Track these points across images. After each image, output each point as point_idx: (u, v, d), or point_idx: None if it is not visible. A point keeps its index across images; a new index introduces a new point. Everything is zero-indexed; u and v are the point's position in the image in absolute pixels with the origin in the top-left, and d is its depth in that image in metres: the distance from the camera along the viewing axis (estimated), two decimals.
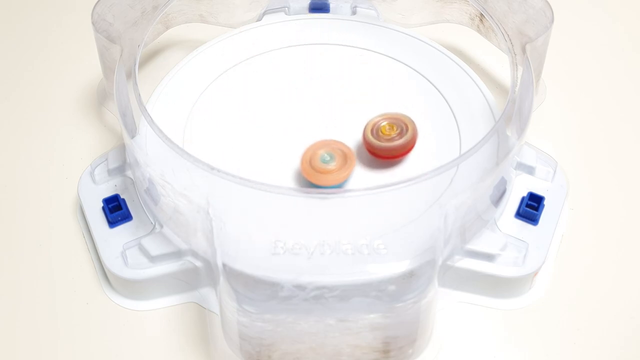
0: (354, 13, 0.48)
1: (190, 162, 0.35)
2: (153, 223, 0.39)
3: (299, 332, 0.34)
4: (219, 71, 0.45)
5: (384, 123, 0.40)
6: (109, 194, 0.40)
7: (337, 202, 0.36)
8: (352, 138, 0.41)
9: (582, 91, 0.48)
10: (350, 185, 0.39)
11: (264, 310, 0.33)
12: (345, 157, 0.39)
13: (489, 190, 0.37)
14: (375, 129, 0.40)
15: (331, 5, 0.49)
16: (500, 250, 0.37)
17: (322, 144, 0.39)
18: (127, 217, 0.39)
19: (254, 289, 0.34)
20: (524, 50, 0.41)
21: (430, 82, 0.44)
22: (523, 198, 0.40)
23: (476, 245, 0.37)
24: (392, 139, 0.39)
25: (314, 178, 0.38)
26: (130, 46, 0.42)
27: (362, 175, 0.39)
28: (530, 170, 0.41)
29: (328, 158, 0.38)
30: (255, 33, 0.47)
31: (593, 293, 0.39)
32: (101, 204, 0.40)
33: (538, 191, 0.40)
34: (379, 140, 0.39)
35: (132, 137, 0.39)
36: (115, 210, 0.39)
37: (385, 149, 0.39)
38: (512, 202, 0.40)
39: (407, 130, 0.39)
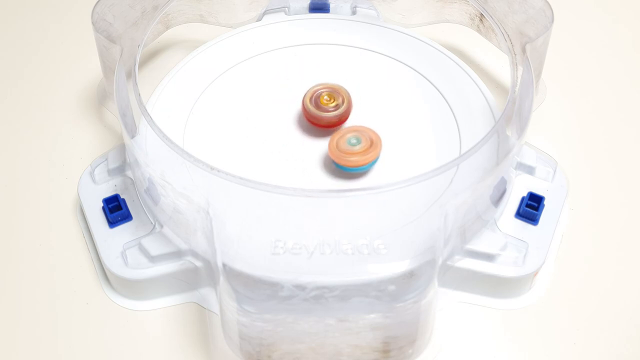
0: (354, 13, 0.48)
1: (190, 162, 0.35)
2: (153, 223, 0.39)
3: (299, 332, 0.34)
4: (219, 71, 0.45)
5: (324, 92, 0.41)
6: (109, 194, 0.40)
7: (337, 202, 0.36)
8: None
9: (582, 91, 0.48)
10: (349, 185, 0.39)
11: (264, 310, 0.33)
12: (371, 142, 0.39)
13: (489, 190, 0.37)
14: (314, 98, 0.41)
15: (331, 5, 0.49)
16: (500, 250, 0.37)
17: (351, 129, 0.40)
18: (127, 217, 0.39)
19: (254, 289, 0.34)
20: (524, 50, 0.41)
21: (430, 82, 0.44)
22: (523, 198, 0.40)
23: (476, 245, 0.37)
24: (328, 110, 0.41)
25: (341, 159, 0.39)
26: (130, 46, 0.42)
27: (360, 176, 0.39)
28: (530, 170, 0.41)
29: (355, 141, 0.39)
30: (255, 33, 0.47)
31: (593, 293, 0.39)
32: (101, 204, 0.40)
33: (538, 191, 0.40)
34: (318, 110, 0.41)
35: (132, 137, 0.39)
36: (115, 210, 0.39)
37: (322, 119, 0.41)
38: (512, 202, 0.40)
39: (343, 102, 0.41)
